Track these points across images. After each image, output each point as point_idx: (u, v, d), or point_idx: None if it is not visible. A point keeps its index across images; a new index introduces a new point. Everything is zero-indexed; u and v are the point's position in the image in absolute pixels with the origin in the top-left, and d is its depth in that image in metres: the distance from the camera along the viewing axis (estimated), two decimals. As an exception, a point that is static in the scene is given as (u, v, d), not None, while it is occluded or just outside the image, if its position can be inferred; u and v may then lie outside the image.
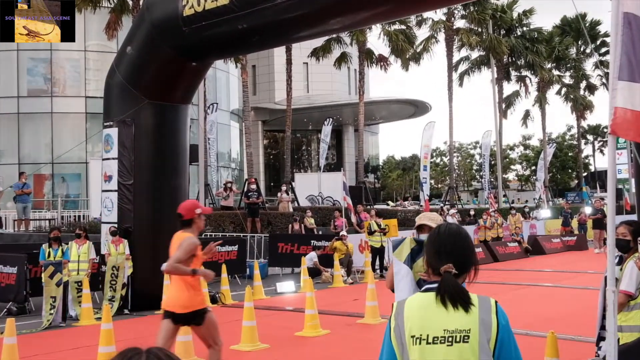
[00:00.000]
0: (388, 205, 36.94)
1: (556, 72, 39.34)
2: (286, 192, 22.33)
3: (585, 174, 54.82)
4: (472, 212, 24.45)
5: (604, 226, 16.59)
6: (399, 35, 28.74)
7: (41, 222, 20.70)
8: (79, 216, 21.78)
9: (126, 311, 11.21)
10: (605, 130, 65.94)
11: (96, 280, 11.68)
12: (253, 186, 19.94)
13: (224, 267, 12.51)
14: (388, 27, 28.72)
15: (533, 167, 58.70)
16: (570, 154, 63.12)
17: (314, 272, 14.68)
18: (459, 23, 31.82)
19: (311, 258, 15.25)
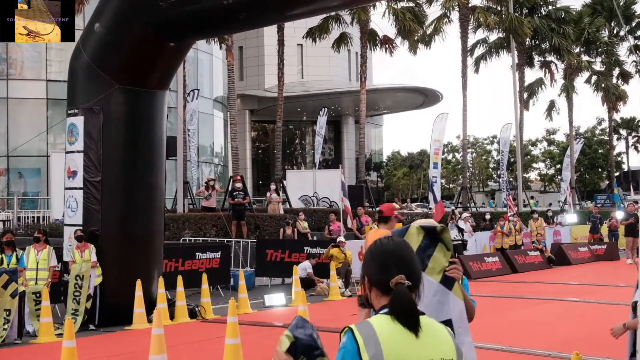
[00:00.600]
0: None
1: (585, 58, 39.49)
2: (276, 192, 22.35)
3: (617, 174, 55.10)
4: (488, 216, 24.53)
5: (638, 233, 16.64)
6: (407, 13, 28.76)
7: (-6, 224, 20.65)
8: (38, 217, 21.72)
9: (92, 326, 11.19)
10: (640, 124, 66.25)
11: (57, 290, 11.64)
12: (239, 185, 19.96)
13: (205, 277, 12.48)
14: (394, 5, 28.76)
15: (558, 166, 58.97)
16: (600, 151, 63.40)
17: (307, 283, 14.70)
18: (475, 0, 31.92)
19: (304, 267, 15.27)
